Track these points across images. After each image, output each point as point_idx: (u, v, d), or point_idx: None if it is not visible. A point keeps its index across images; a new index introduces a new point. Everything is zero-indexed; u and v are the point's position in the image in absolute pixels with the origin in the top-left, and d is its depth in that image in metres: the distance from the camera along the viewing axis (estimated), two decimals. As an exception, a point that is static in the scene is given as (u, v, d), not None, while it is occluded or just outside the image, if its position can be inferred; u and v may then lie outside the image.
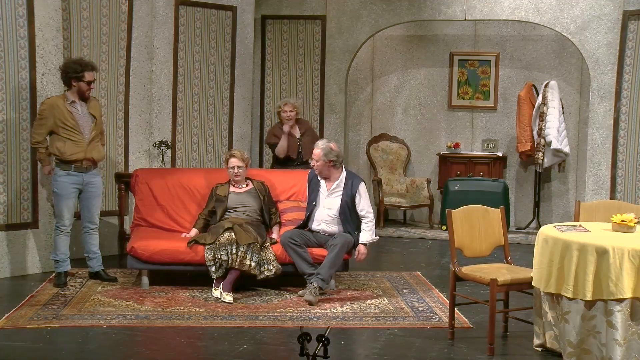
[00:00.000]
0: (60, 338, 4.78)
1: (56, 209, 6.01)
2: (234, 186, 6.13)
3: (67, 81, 5.90)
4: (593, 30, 8.24)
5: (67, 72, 5.87)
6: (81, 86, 5.86)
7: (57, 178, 5.91)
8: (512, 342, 4.90)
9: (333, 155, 5.81)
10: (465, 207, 4.92)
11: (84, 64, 5.90)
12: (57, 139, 5.87)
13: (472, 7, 8.74)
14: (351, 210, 5.82)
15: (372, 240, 5.85)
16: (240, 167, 6.06)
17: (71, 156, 5.86)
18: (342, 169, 5.93)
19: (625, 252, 4.07)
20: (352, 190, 5.82)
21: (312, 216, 5.94)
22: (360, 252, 5.80)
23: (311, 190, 5.98)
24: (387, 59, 9.73)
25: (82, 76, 5.83)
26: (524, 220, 9.31)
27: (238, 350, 4.58)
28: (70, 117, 5.84)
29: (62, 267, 5.96)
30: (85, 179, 5.96)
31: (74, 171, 5.90)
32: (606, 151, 8.05)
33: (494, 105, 9.55)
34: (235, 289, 5.69)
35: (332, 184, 5.88)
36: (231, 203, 6.04)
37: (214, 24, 7.88)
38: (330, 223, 5.87)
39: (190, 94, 7.78)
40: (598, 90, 8.14)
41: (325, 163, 5.81)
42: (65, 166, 5.88)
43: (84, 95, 5.90)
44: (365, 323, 5.20)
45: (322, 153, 5.79)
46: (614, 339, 4.09)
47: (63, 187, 5.90)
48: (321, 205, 5.89)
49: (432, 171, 9.68)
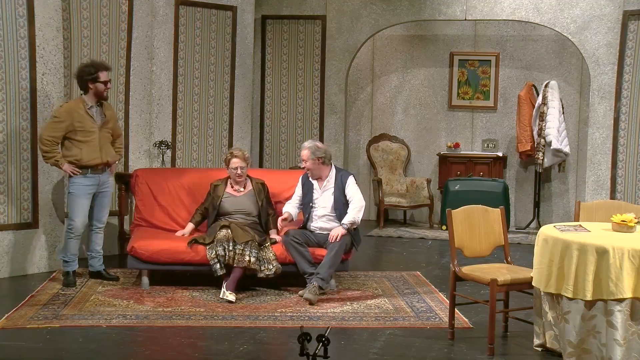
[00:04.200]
0: (60, 338, 4.78)
1: (71, 211, 5.98)
2: (232, 187, 6.10)
3: (83, 85, 5.89)
4: (593, 30, 8.24)
5: (82, 76, 5.87)
6: (98, 87, 5.86)
7: (74, 180, 5.89)
8: (512, 342, 4.90)
9: (321, 153, 5.89)
10: (465, 207, 4.92)
11: (97, 65, 5.92)
12: (72, 145, 5.83)
13: (472, 7, 8.74)
14: (344, 204, 5.88)
15: (351, 222, 5.79)
16: (243, 167, 6.00)
17: (89, 162, 5.86)
18: (332, 166, 6.00)
19: (625, 252, 4.07)
20: (342, 183, 5.90)
21: (310, 217, 5.99)
22: (333, 232, 5.75)
23: (305, 193, 6.01)
24: (387, 59, 9.73)
25: (97, 77, 5.84)
26: (524, 220, 9.31)
27: (238, 350, 4.58)
28: (91, 121, 5.85)
29: (71, 267, 5.97)
30: (101, 179, 6.00)
31: (91, 174, 5.91)
32: (606, 151, 8.05)
33: (494, 105, 9.55)
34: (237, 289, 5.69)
35: (324, 182, 5.95)
36: (227, 207, 5.99)
37: (214, 24, 7.88)
38: (327, 220, 5.92)
39: (191, 94, 7.79)
40: (598, 90, 8.14)
41: (314, 161, 5.87)
42: (82, 170, 5.88)
43: (102, 95, 5.91)
44: (365, 323, 5.20)
45: (309, 152, 5.86)
46: (614, 338, 4.09)
47: (80, 189, 5.89)
48: (317, 205, 5.95)
49: (432, 171, 9.68)
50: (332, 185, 5.94)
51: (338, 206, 5.89)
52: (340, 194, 5.90)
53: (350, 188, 5.90)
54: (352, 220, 5.80)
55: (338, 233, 5.74)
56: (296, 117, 9.38)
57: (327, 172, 5.97)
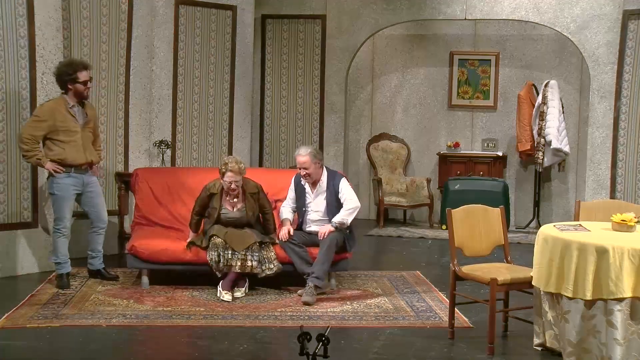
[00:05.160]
0: (60, 337, 4.78)
1: (56, 211, 5.94)
2: (226, 197, 5.86)
3: (63, 86, 5.80)
4: (593, 29, 8.24)
5: (60, 76, 5.78)
6: (77, 87, 5.76)
7: (57, 180, 5.83)
8: (512, 342, 4.89)
9: (320, 156, 5.92)
10: (465, 206, 4.92)
11: (75, 65, 5.80)
12: (54, 144, 5.76)
13: (472, 7, 8.74)
14: (337, 207, 5.87)
15: (340, 222, 5.78)
16: (237, 181, 5.75)
17: (73, 161, 5.82)
18: (324, 169, 5.99)
19: (625, 252, 4.07)
20: (334, 187, 5.89)
21: (304, 220, 6.00)
22: (321, 229, 5.76)
23: (298, 196, 6.01)
24: (387, 58, 9.73)
25: (76, 78, 5.73)
26: (524, 220, 9.31)
27: (238, 350, 4.58)
28: (73, 121, 5.80)
29: (63, 269, 5.93)
30: (85, 180, 5.94)
31: (75, 173, 5.88)
32: (606, 150, 8.05)
33: (494, 104, 9.55)
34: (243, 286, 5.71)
35: (316, 185, 5.94)
36: (223, 219, 5.85)
37: (214, 23, 7.88)
38: (320, 223, 5.91)
39: (190, 94, 7.78)
40: (598, 90, 8.14)
41: (315, 166, 5.84)
42: (66, 168, 5.85)
43: (82, 95, 5.82)
44: (365, 322, 5.20)
45: (310, 157, 5.80)
46: (614, 338, 4.09)
47: (64, 188, 5.84)
48: (309, 209, 5.96)
49: (432, 170, 9.68)
50: (324, 190, 5.91)
51: (331, 210, 5.87)
52: (333, 198, 5.88)
53: (344, 191, 5.86)
54: (341, 220, 5.79)
55: (325, 230, 5.75)
56: (296, 116, 9.38)
57: (320, 175, 5.94)
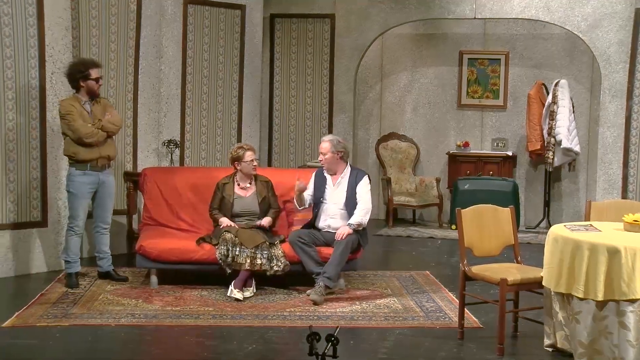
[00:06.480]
0: (69, 336, 4.79)
1: (71, 209, 5.96)
2: (239, 185, 6.08)
3: (75, 84, 5.87)
4: (604, 28, 8.18)
5: (72, 74, 5.85)
6: (89, 84, 5.84)
7: (73, 178, 5.87)
8: (522, 342, 4.87)
9: (341, 147, 5.91)
10: (474, 206, 4.90)
11: (87, 63, 5.91)
12: (68, 140, 5.83)
13: (482, 6, 8.71)
14: (356, 203, 5.85)
15: (357, 223, 5.78)
16: (257, 158, 6.10)
17: (86, 155, 5.84)
18: (348, 164, 6.01)
19: (637, 252, 4.03)
20: (356, 181, 5.90)
21: (319, 213, 5.95)
22: (339, 231, 5.76)
23: (317, 187, 5.99)
24: (396, 57, 9.71)
25: (88, 74, 5.81)
26: (534, 220, 9.27)
27: (247, 350, 4.57)
28: (89, 118, 5.84)
29: (73, 268, 5.94)
30: (101, 178, 5.95)
31: (90, 170, 5.90)
32: (617, 150, 8.00)
33: (503, 104, 9.51)
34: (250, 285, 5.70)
35: (338, 178, 5.93)
36: (236, 208, 5.99)
37: (222, 22, 7.87)
38: (337, 218, 5.88)
39: (199, 93, 7.78)
40: (609, 89, 8.09)
41: (333, 155, 5.87)
42: (80, 166, 5.85)
43: (94, 92, 5.88)
44: (374, 323, 5.18)
45: (330, 145, 5.86)
46: (626, 339, 4.05)
47: (79, 187, 5.87)
48: (328, 200, 5.93)
49: (441, 170, 9.65)
50: (346, 182, 5.92)
51: (349, 203, 5.86)
52: (353, 192, 5.88)
53: (361, 187, 5.87)
54: (359, 221, 5.78)
55: (344, 232, 5.73)
56: (305, 115, 9.37)
57: (342, 169, 5.96)
